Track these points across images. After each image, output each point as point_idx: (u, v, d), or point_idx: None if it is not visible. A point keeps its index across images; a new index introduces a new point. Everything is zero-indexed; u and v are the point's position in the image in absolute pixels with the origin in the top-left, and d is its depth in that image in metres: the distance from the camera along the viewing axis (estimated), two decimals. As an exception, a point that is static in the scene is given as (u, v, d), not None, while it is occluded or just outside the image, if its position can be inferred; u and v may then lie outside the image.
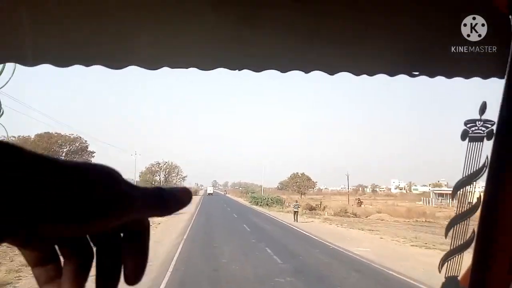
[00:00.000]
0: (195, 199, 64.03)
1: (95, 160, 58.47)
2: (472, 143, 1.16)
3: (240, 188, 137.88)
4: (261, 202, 47.64)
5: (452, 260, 1.17)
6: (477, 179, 1.15)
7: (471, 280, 1.05)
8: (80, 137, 52.09)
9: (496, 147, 1.01)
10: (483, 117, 1.16)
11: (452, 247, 1.17)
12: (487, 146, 1.10)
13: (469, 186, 1.18)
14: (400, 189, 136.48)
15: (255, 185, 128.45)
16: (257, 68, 1.28)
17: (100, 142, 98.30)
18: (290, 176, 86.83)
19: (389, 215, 33.92)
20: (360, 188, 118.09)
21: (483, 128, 1.15)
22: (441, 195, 59.17)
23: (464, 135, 1.18)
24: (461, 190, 1.18)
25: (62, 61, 1.25)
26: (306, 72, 1.32)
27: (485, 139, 1.15)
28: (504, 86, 0.95)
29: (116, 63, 1.27)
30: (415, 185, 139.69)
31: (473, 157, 1.16)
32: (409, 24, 1.22)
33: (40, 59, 1.22)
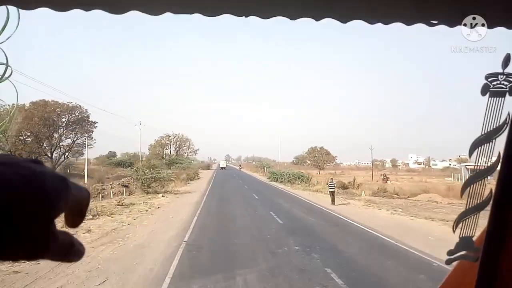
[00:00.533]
0: (208, 174, 58.08)
1: (98, 131, 51.89)
2: (492, 98, 1.01)
3: (254, 162, 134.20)
4: (281, 178, 40.85)
5: (467, 220, 1.08)
6: (497, 136, 1.02)
7: (486, 241, 1.02)
8: (80, 106, 45.72)
9: None
10: (506, 70, 1.00)
11: (468, 207, 1.07)
12: (509, 102, 0.98)
13: (488, 144, 1.03)
14: (419, 164, 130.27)
15: (269, 159, 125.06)
16: (265, 15, 1.19)
17: (103, 112, 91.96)
18: (308, 150, 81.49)
19: (439, 196, 26.85)
20: (380, 163, 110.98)
21: (506, 83, 1.00)
22: (473, 170, 52.69)
23: (485, 90, 1.02)
24: (479, 147, 1.04)
25: (61, 3, 1.16)
26: (317, 19, 1.21)
27: (507, 94, 1.01)
28: None
29: (117, 7, 1.17)
30: (434, 160, 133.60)
31: (493, 113, 1.01)
32: None
33: (39, 2, 1.15)
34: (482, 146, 1.04)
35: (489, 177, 1.07)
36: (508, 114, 1.01)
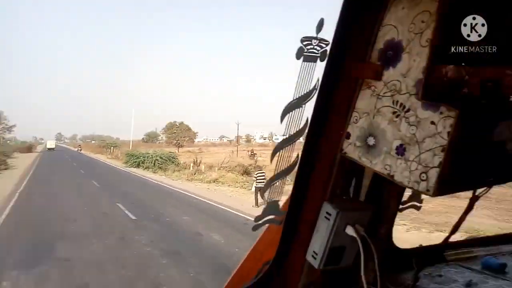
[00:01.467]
0: (27, 160, 38.72)
1: None
2: (305, 63, 0.99)
3: (94, 142, 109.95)
4: (146, 163, 28.13)
5: (275, 184, 1.07)
6: (307, 101, 1.02)
7: (290, 205, 1.04)
8: None
9: (327, 68, 0.95)
10: (319, 35, 0.98)
11: (276, 172, 1.05)
12: (321, 67, 0.99)
13: (298, 109, 1.02)
14: (264, 139, 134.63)
15: (112, 137, 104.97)
16: None
17: None
18: (166, 126, 68.02)
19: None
20: (236, 139, 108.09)
21: (318, 48, 0.98)
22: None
23: (299, 54, 0.99)
24: (291, 113, 1.02)
25: None
26: None
27: (318, 59, 0.99)
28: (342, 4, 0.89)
29: None
30: (276, 135, 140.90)
31: (306, 78, 1.00)
32: None
33: None
34: (293, 111, 1.01)
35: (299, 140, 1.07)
36: (318, 80, 0.98)
